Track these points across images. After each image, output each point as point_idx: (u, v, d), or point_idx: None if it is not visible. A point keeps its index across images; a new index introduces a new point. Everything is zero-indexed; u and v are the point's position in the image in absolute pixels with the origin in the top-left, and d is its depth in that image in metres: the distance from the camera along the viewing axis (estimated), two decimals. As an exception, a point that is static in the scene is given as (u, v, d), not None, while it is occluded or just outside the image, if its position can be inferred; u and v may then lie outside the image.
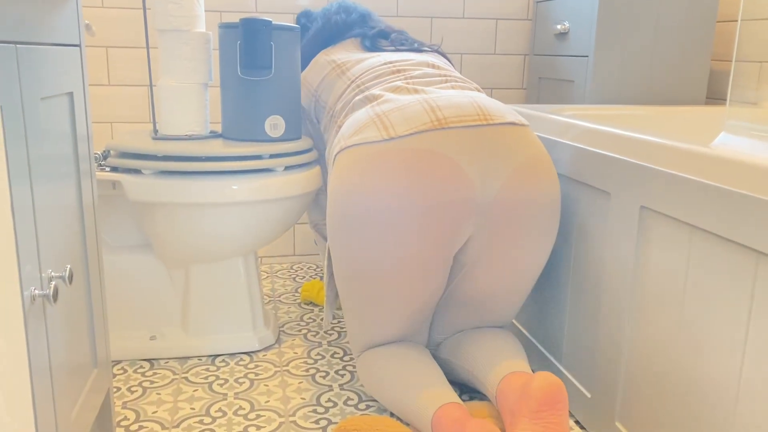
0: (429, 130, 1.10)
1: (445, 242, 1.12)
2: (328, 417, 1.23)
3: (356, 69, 1.42)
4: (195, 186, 1.32)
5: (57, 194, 0.86)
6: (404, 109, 1.14)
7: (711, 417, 0.87)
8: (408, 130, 1.10)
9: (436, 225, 1.10)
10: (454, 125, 1.11)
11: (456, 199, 1.09)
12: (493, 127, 1.13)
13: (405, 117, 1.13)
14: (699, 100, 1.79)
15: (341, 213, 1.13)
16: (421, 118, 1.12)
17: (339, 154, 1.17)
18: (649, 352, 1.00)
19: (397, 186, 1.08)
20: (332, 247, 1.18)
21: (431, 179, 1.08)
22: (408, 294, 1.15)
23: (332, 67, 1.47)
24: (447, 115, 1.12)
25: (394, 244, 1.10)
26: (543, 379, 0.99)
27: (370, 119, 1.16)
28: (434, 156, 1.08)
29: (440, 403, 1.06)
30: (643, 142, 1.00)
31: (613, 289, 1.08)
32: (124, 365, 1.42)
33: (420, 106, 1.14)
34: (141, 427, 1.19)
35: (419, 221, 1.09)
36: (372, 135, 1.12)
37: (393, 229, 1.09)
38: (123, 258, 1.44)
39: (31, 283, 0.73)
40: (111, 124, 1.95)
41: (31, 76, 0.76)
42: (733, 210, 0.81)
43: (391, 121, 1.13)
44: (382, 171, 1.09)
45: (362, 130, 1.15)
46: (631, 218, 1.02)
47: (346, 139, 1.17)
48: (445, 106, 1.14)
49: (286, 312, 1.72)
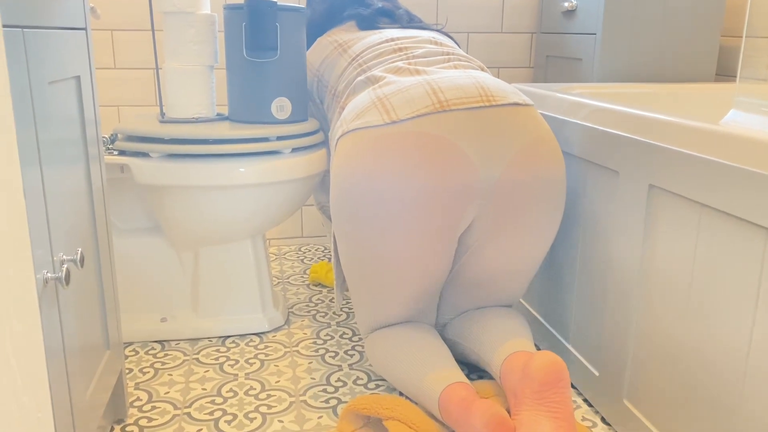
0: (431, 113, 1.09)
1: (448, 226, 1.12)
2: (338, 396, 1.24)
3: (357, 47, 1.41)
4: (202, 169, 1.33)
5: (66, 178, 0.87)
6: (406, 92, 1.13)
7: (719, 395, 0.87)
8: (410, 113, 1.09)
9: (438, 209, 1.09)
10: (456, 107, 1.09)
11: (458, 183, 1.08)
12: (496, 109, 1.11)
13: (407, 100, 1.12)
14: (708, 77, 1.77)
15: (344, 197, 1.13)
16: (423, 101, 1.11)
17: (341, 138, 1.16)
18: (658, 330, 1.00)
19: (398, 170, 1.07)
20: (336, 232, 1.18)
21: (433, 163, 1.07)
22: (412, 277, 1.16)
23: (334, 46, 1.47)
24: (449, 97, 1.11)
25: (397, 228, 1.10)
26: (543, 359, 0.99)
27: (372, 103, 1.15)
28: (436, 140, 1.08)
29: (447, 383, 1.07)
30: (651, 120, 1.00)
31: (622, 268, 1.08)
32: (136, 347, 1.44)
33: (422, 88, 1.13)
34: (153, 408, 1.20)
35: (422, 205, 1.08)
36: (374, 119, 1.12)
37: (396, 213, 1.09)
38: (133, 241, 1.45)
39: (44, 266, 0.74)
40: (118, 107, 1.95)
41: (38, 60, 0.76)
42: (742, 188, 0.80)
43: (393, 104, 1.12)
44: (383, 155, 1.08)
45: (364, 113, 1.14)
46: (640, 197, 1.02)
47: (348, 123, 1.16)
48: (447, 88, 1.13)
49: (294, 293, 1.73)
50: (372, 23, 1.50)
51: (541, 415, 0.96)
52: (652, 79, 1.75)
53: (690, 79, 1.76)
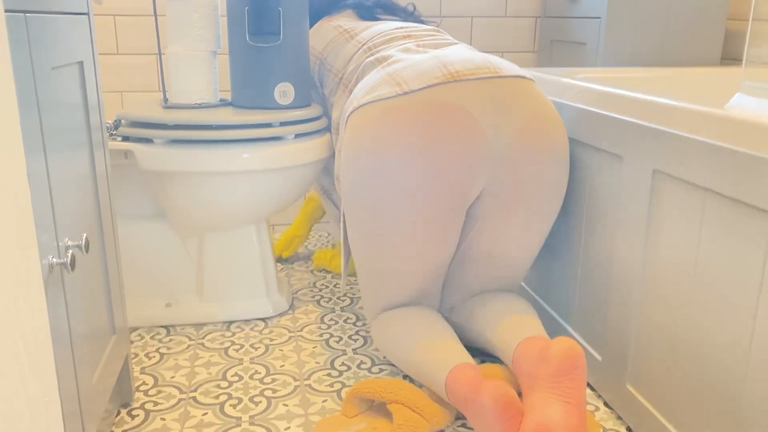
0: (442, 83, 1.12)
1: (458, 194, 1.14)
2: (342, 380, 1.25)
3: (366, 33, 1.44)
4: (206, 155, 1.33)
5: (71, 164, 0.87)
6: (416, 66, 1.17)
7: (722, 380, 0.88)
8: (421, 84, 1.13)
9: (450, 177, 1.11)
10: (466, 78, 1.13)
11: (470, 150, 1.11)
12: (503, 79, 1.15)
13: (417, 73, 1.15)
14: (714, 61, 1.76)
15: (355, 172, 1.15)
16: (434, 73, 1.14)
17: (352, 114, 1.18)
18: (661, 315, 1.00)
19: (410, 140, 1.10)
20: (347, 208, 1.19)
21: (445, 130, 1.10)
22: (422, 250, 1.17)
23: (339, 32, 1.49)
24: (459, 69, 1.15)
25: (408, 198, 1.12)
26: (562, 344, 0.99)
27: (383, 79, 1.18)
28: (448, 107, 1.11)
29: (454, 364, 1.07)
30: (656, 104, 0.99)
31: (625, 253, 1.08)
32: (141, 332, 1.45)
33: (432, 62, 1.17)
34: (159, 392, 1.21)
35: (433, 174, 1.10)
36: (385, 92, 1.15)
37: (407, 183, 1.11)
38: (137, 227, 1.45)
39: (49, 252, 0.74)
40: (121, 93, 1.95)
41: (41, 45, 0.76)
42: (747, 172, 0.80)
43: (404, 77, 1.15)
44: (395, 126, 1.11)
45: (375, 89, 1.17)
46: (644, 182, 1.02)
47: (359, 99, 1.19)
48: (457, 62, 1.17)
49: (299, 279, 1.74)
50: (371, 14, 1.56)
51: (553, 398, 0.97)
52: (657, 63, 1.73)
53: (695, 63, 1.75)
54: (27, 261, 0.51)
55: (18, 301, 0.49)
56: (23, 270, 0.50)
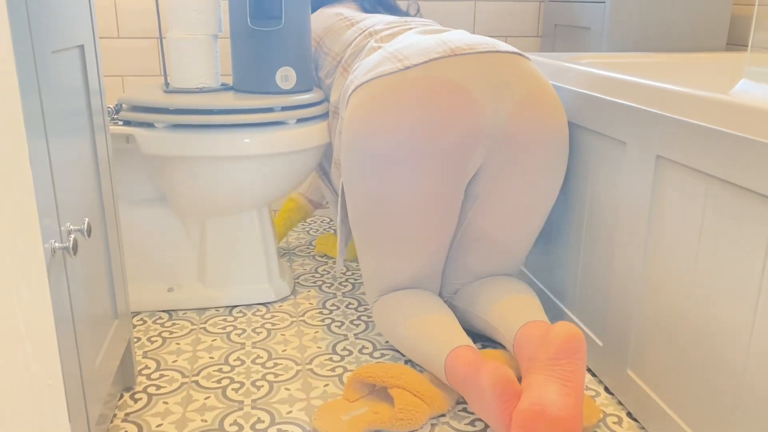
0: (441, 57, 1.15)
1: (457, 170, 1.15)
2: (344, 365, 1.26)
3: (368, 21, 1.47)
4: (207, 139, 1.32)
5: (72, 148, 0.87)
6: (417, 44, 1.20)
7: (722, 366, 0.88)
8: (421, 59, 1.15)
9: (449, 153, 1.13)
10: (465, 52, 1.16)
11: (466, 126, 1.13)
12: (502, 54, 1.18)
13: (419, 50, 1.18)
14: (720, 47, 1.74)
15: (357, 150, 1.16)
16: (435, 49, 1.17)
17: (354, 92, 1.20)
18: (662, 301, 1.00)
19: (410, 116, 1.12)
20: (347, 187, 1.20)
21: (443, 107, 1.12)
22: (423, 228, 1.18)
23: (339, 18, 1.54)
24: (459, 45, 1.18)
25: (409, 174, 1.13)
26: (563, 328, 1.00)
27: (384, 57, 1.21)
28: (446, 84, 1.13)
29: (453, 346, 1.08)
30: (659, 90, 0.98)
31: (627, 239, 1.08)
32: (144, 316, 1.45)
33: (432, 40, 1.20)
34: (162, 376, 1.22)
35: (434, 150, 1.12)
36: (387, 68, 1.17)
37: (408, 159, 1.12)
38: (139, 212, 1.45)
39: (51, 236, 0.75)
40: (122, 77, 1.94)
41: (42, 29, 0.76)
42: (751, 159, 0.79)
43: (405, 54, 1.18)
44: (395, 102, 1.13)
45: (376, 66, 1.20)
46: (647, 168, 1.01)
47: (361, 78, 1.21)
48: (457, 39, 1.20)
49: (300, 264, 1.74)
50: (374, 7, 1.61)
51: (551, 380, 0.97)
52: (662, 48, 1.72)
53: (701, 48, 1.74)
54: (29, 244, 0.51)
55: (21, 285, 0.49)
56: (26, 253, 0.50)
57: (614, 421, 1.10)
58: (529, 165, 1.19)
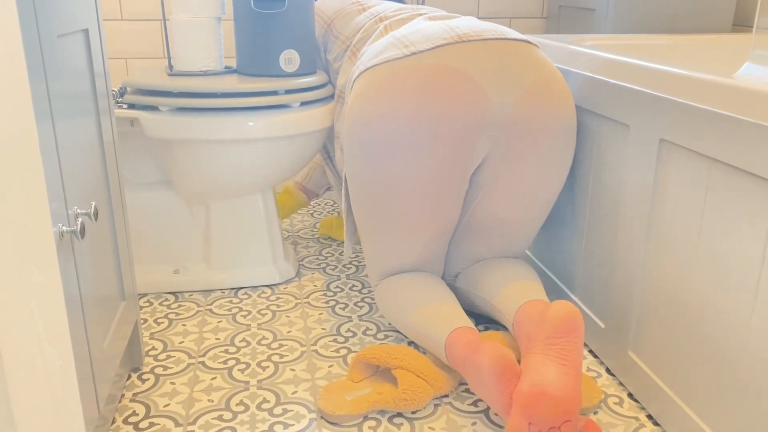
0: (448, 44, 1.14)
1: (462, 159, 1.15)
2: (348, 346, 1.27)
3: (379, 8, 1.47)
4: (212, 123, 1.33)
5: (78, 131, 0.88)
6: (424, 30, 1.19)
7: (722, 349, 0.89)
8: (428, 45, 1.15)
9: (453, 142, 1.12)
10: (472, 39, 1.15)
11: (471, 115, 1.12)
12: (509, 42, 1.17)
13: (425, 36, 1.17)
14: (726, 28, 1.73)
15: (360, 136, 1.16)
16: (441, 35, 1.16)
17: (359, 76, 1.20)
18: (664, 284, 1.01)
19: (415, 103, 1.11)
20: (350, 173, 1.20)
21: (448, 95, 1.11)
22: (426, 216, 1.18)
23: (351, 1, 1.53)
24: (466, 31, 1.17)
25: (412, 162, 1.13)
26: (560, 307, 1.00)
27: (390, 42, 1.20)
28: (452, 72, 1.12)
29: (453, 327, 1.09)
30: (663, 73, 0.98)
31: (630, 222, 1.08)
32: (150, 298, 1.47)
33: (439, 26, 1.19)
34: (169, 357, 1.24)
35: (437, 138, 1.12)
36: (393, 54, 1.16)
37: (411, 147, 1.12)
38: (144, 195, 1.46)
39: (59, 220, 0.75)
40: (126, 60, 1.94)
41: (47, 14, 0.76)
42: (754, 142, 0.80)
43: (411, 40, 1.18)
44: (401, 87, 1.12)
45: (383, 52, 1.19)
46: (650, 151, 1.01)
47: (366, 63, 1.20)
48: (464, 26, 1.19)
49: (305, 247, 1.75)
50: None
51: (549, 359, 0.98)
52: (668, 29, 1.71)
53: (706, 29, 1.72)
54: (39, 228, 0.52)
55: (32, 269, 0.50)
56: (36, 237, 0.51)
57: (615, 401, 1.11)
58: (536, 155, 1.18)
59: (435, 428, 1.05)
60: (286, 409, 1.09)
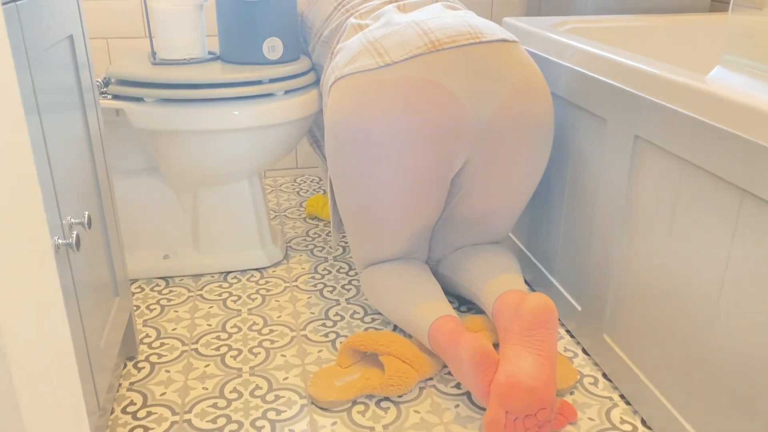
0: (423, 54, 1.12)
1: (440, 169, 1.16)
2: (336, 330, 1.32)
3: None
4: (197, 113, 1.34)
5: (65, 128, 0.89)
6: (397, 35, 1.16)
7: (691, 334, 0.94)
8: (402, 55, 1.12)
9: (432, 153, 1.13)
10: (447, 46, 1.12)
11: (449, 127, 1.12)
12: (485, 45, 1.14)
13: (399, 42, 1.14)
14: (703, 7, 1.75)
15: (339, 143, 1.16)
16: (415, 42, 1.13)
17: (334, 84, 1.18)
18: (637, 271, 1.06)
19: (390, 116, 1.11)
20: (332, 175, 1.22)
21: (425, 110, 1.11)
22: (406, 218, 1.21)
23: None
24: (440, 36, 1.14)
25: (390, 173, 1.14)
26: (534, 301, 1.05)
27: (364, 47, 1.17)
28: (428, 85, 1.11)
29: (436, 316, 1.14)
30: (638, 70, 1.01)
31: (606, 212, 1.13)
32: (141, 284, 1.50)
33: (412, 29, 1.16)
34: (162, 344, 1.28)
35: (415, 150, 1.12)
36: (367, 63, 1.14)
37: (389, 158, 1.13)
38: (132, 182, 1.48)
39: (54, 232, 0.78)
40: (107, 39, 1.92)
41: (33, 30, 0.77)
42: (721, 147, 0.83)
43: (385, 47, 1.14)
44: (375, 101, 1.11)
45: (356, 58, 1.16)
46: (625, 146, 1.05)
47: (341, 69, 1.18)
48: (437, 28, 1.15)
49: (292, 227, 1.78)
50: None
51: (525, 350, 1.04)
52: (647, 8, 1.73)
53: (685, 9, 1.74)
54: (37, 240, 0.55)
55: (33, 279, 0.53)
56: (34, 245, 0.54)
57: (590, 381, 1.18)
58: (516, 155, 1.19)
59: (420, 411, 1.10)
60: (278, 396, 1.14)
